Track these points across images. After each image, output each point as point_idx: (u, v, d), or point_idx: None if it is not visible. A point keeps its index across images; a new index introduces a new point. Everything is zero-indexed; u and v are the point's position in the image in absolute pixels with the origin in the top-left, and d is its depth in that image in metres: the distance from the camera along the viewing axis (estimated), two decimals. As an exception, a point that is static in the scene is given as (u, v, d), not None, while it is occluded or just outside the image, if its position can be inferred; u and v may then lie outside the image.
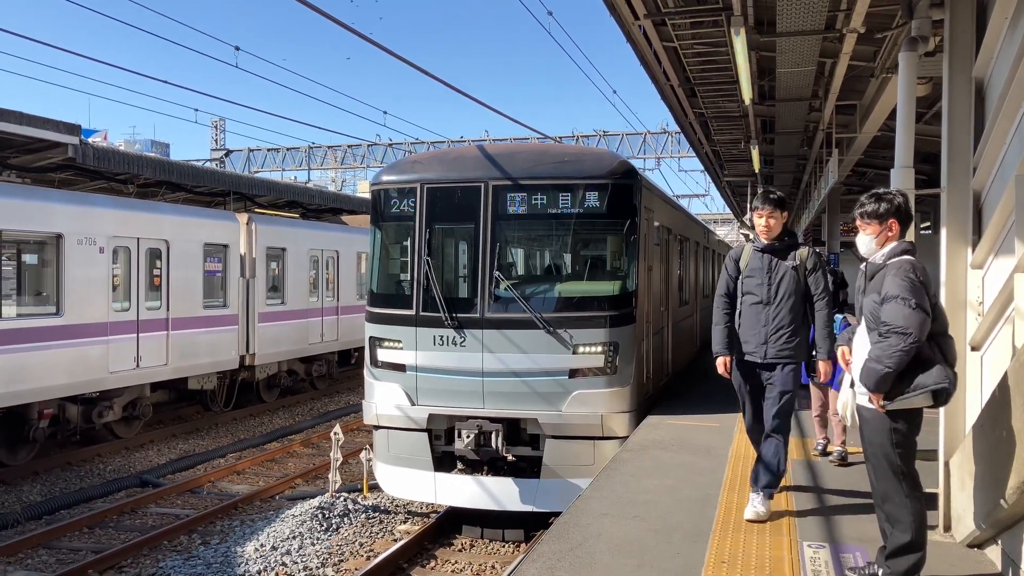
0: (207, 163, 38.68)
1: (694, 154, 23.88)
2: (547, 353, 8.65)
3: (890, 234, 4.38)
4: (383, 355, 9.27)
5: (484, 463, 8.99)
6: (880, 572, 4.40)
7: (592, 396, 8.61)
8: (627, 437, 8.55)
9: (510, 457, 8.92)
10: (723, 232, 52.45)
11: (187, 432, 15.61)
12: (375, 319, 9.45)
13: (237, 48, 17.45)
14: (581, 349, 8.65)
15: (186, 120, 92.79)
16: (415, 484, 9.11)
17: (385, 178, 9.68)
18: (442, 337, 8.89)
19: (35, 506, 10.67)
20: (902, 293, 4.13)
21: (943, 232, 5.61)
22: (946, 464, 5.37)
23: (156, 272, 14.68)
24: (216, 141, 42.39)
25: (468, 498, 8.87)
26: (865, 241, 4.47)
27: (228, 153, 41.35)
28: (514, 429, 8.81)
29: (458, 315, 8.87)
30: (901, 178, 6.31)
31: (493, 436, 8.64)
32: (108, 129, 47.83)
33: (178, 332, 14.90)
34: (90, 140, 16.79)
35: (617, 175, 9.02)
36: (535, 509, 8.66)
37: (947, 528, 5.36)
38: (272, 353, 17.69)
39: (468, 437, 8.59)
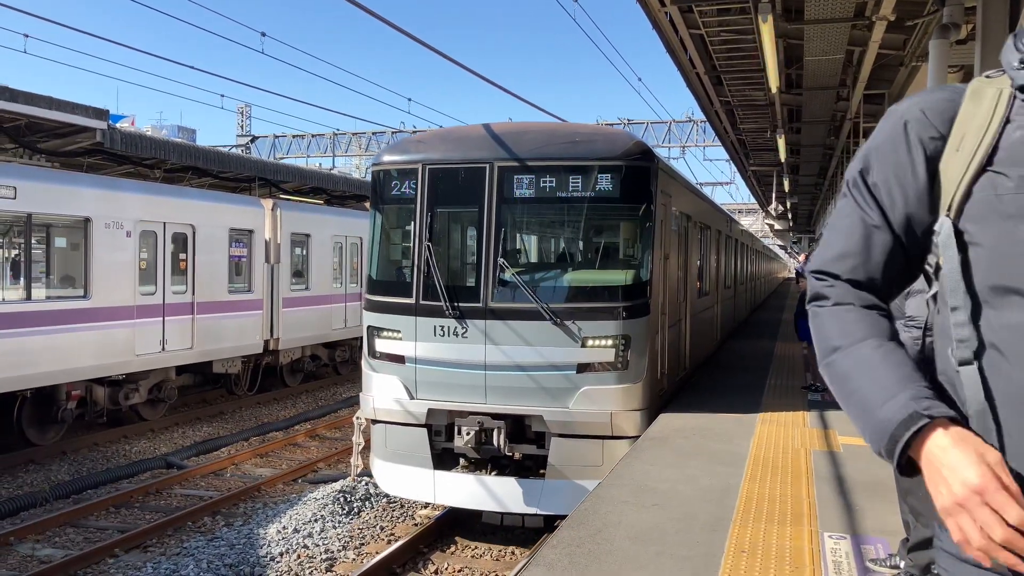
0: (233, 149, 38.93)
1: (719, 143, 23.72)
2: (554, 346, 8.15)
3: None
4: (381, 345, 8.82)
5: (487, 461, 8.58)
6: (902, 565, 4.37)
7: (601, 392, 8.10)
8: (638, 437, 8.07)
9: (517, 456, 8.49)
10: (747, 222, 52.05)
11: (211, 415, 15.78)
12: (373, 307, 9.00)
13: (263, 34, 17.53)
14: (590, 342, 8.13)
15: (212, 106, 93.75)
16: (413, 482, 8.65)
17: (386, 158, 9.18)
18: (443, 327, 8.44)
19: (63, 485, 10.84)
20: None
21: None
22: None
23: (182, 256, 14.82)
24: (242, 127, 42.65)
25: (468, 498, 8.42)
26: None
27: (254, 139, 41.58)
28: (519, 426, 8.35)
29: (460, 304, 8.41)
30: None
31: (495, 433, 8.18)
32: (136, 114, 48.30)
33: (203, 316, 15.04)
34: (118, 125, 16.94)
35: (632, 156, 8.45)
36: (539, 512, 8.22)
37: (971, 522, 5.31)
38: (296, 338, 17.82)
39: (468, 434, 8.14)
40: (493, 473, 8.59)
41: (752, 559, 4.84)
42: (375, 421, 8.94)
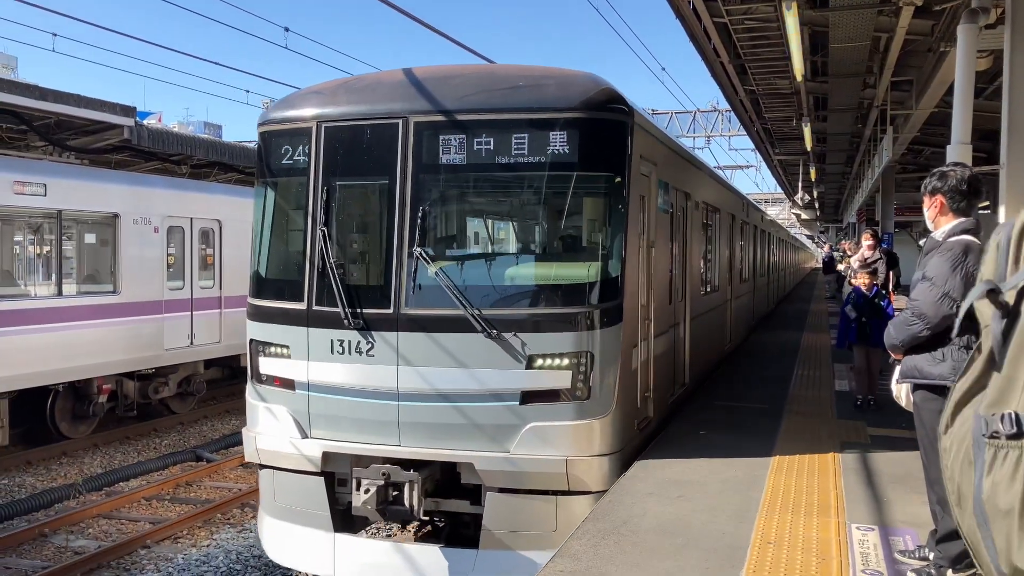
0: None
1: (745, 132, 23.54)
2: (490, 367, 6.03)
3: (937, 211, 4.36)
4: (267, 366, 6.73)
5: (408, 521, 6.63)
6: (931, 556, 4.34)
7: (554, 431, 5.98)
8: (605, 492, 5.98)
9: (467, 510, 6.48)
10: (774, 211, 51.62)
11: (240, 408, 15.89)
12: (257, 315, 6.90)
13: (287, 29, 17.61)
14: (539, 362, 6.01)
15: (238, 101, 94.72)
16: (307, 549, 6.55)
17: (274, 115, 6.92)
18: (342, 342, 6.30)
19: (95, 478, 11.03)
20: (936, 278, 4.14)
21: (1001, 211, 5.47)
22: (1001, 448, 5.26)
23: (209, 251, 14.98)
24: (267, 122, 42.89)
25: (377, 573, 6.35)
26: (925, 216, 4.51)
27: (278, 134, 41.78)
28: (448, 474, 6.30)
29: (364, 310, 6.26)
30: (958, 155, 6.16)
31: (407, 489, 6.01)
32: (162, 111, 48.82)
33: (231, 310, 15.18)
34: (145, 122, 17.15)
35: (595, 107, 6.19)
36: None
37: (1001, 513, 5.26)
38: (322, 331, 17.90)
39: (368, 491, 5.97)
40: (424, 531, 6.86)
41: (779, 550, 4.83)
42: (261, 466, 6.84)
